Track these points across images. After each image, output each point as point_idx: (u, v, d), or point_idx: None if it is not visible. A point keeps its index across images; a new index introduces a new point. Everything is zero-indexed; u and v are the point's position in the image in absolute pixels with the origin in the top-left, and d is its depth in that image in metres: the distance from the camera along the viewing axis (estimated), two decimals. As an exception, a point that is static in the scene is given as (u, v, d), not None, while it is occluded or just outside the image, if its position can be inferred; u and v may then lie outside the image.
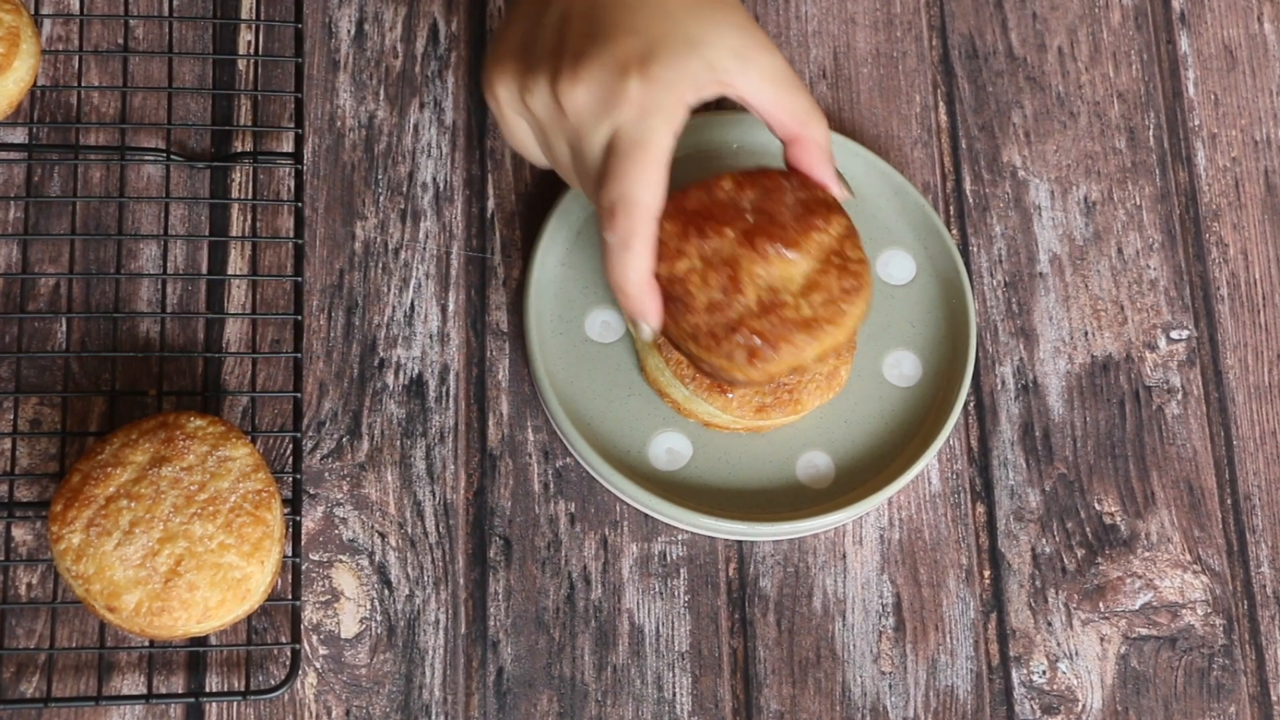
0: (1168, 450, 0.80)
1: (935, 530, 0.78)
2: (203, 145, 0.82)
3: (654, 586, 0.76)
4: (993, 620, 0.77)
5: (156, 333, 0.78)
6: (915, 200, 0.81)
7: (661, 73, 0.67)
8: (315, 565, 0.75)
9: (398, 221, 0.81)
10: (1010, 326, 0.82)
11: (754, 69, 0.69)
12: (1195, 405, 0.81)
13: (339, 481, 0.77)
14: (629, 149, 0.67)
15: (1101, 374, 0.81)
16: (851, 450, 0.78)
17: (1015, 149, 0.85)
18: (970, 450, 0.80)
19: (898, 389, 0.79)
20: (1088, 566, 0.78)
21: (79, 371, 0.77)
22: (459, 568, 0.76)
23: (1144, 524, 0.79)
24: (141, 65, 0.82)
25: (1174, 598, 0.78)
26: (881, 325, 0.80)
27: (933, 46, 0.87)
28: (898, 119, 0.85)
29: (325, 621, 0.75)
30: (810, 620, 0.76)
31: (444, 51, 0.84)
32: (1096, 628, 0.77)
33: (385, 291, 0.80)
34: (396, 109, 0.83)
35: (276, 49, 0.83)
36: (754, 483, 0.77)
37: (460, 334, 0.80)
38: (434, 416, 0.78)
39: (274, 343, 0.78)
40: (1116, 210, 0.84)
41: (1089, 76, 0.87)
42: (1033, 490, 0.79)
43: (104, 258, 0.79)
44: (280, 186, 0.81)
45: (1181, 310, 0.83)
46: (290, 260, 0.80)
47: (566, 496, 0.77)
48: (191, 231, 0.80)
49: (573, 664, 0.75)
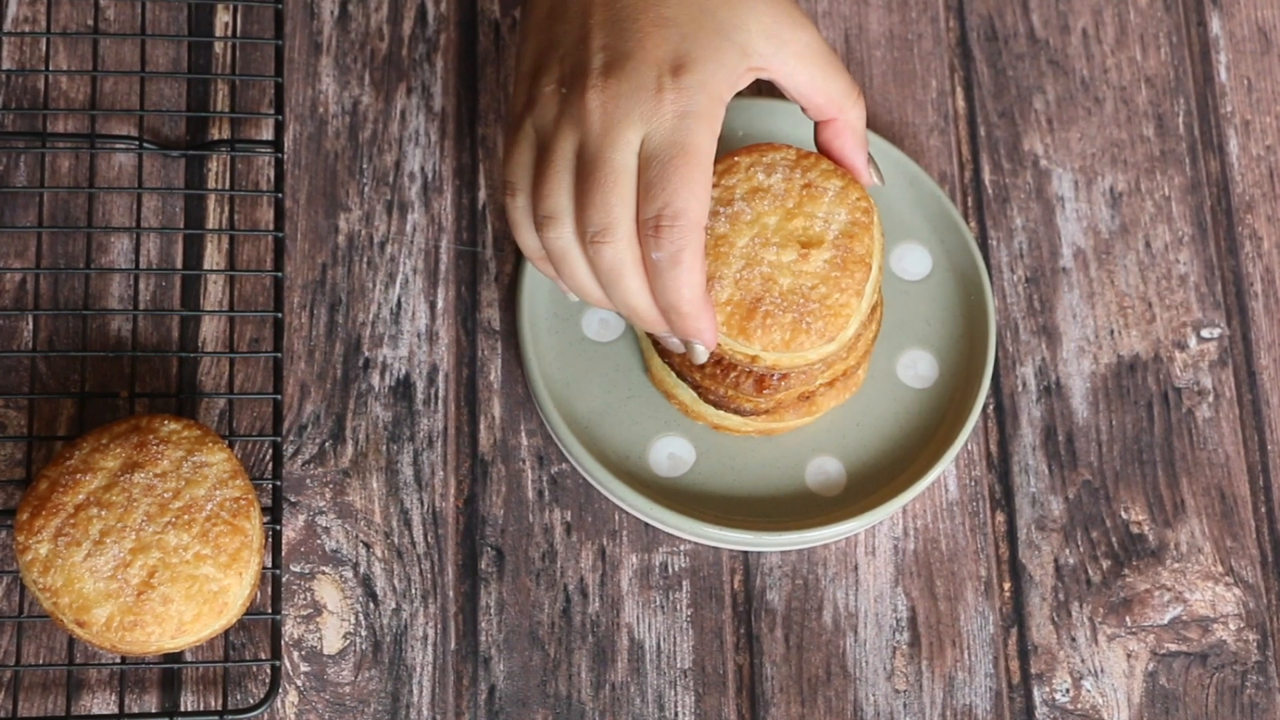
0: (1198, 455, 0.80)
1: (952, 540, 0.78)
2: (177, 133, 0.82)
3: (655, 600, 0.76)
4: (1013, 635, 0.77)
5: (128, 331, 0.78)
6: (931, 191, 0.81)
7: (696, 72, 0.66)
8: (296, 577, 0.75)
9: (384, 213, 0.81)
10: (1031, 325, 0.82)
11: (789, 50, 0.68)
12: (1227, 408, 0.81)
13: (321, 489, 0.77)
14: (670, 155, 0.66)
15: (1128, 375, 0.81)
16: (864, 455, 0.78)
17: (1037, 137, 0.85)
18: (989, 455, 0.79)
19: (913, 390, 0.79)
20: (1114, 578, 0.78)
21: (46, 372, 0.77)
22: (448, 580, 0.76)
23: (1173, 533, 0.79)
24: (112, 48, 0.83)
25: (1205, 611, 0.78)
26: (896, 324, 0.80)
27: (950, 28, 0.87)
28: (913, 105, 0.85)
29: (307, 637, 0.75)
30: (820, 635, 0.76)
31: (432, 34, 0.84)
32: (1123, 643, 0.77)
33: (370, 287, 0.80)
34: (382, 94, 0.83)
35: (255, 31, 0.83)
36: (761, 490, 0.77)
37: (450, 332, 0.80)
38: (422, 420, 0.78)
39: (253, 342, 0.78)
40: (1144, 201, 0.84)
41: (1115, 60, 0.87)
42: (1055, 498, 0.79)
43: (73, 252, 0.79)
44: (259, 176, 0.81)
45: (1213, 307, 0.83)
46: (270, 254, 0.80)
47: (562, 504, 0.77)
48: (165, 224, 0.80)
49: (569, 682, 0.75)
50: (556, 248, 0.68)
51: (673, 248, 0.66)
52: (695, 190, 0.66)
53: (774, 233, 0.70)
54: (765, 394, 0.74)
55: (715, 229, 0.70)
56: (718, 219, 0.70)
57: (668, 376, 0.77)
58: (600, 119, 0.66)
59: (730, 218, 0.70)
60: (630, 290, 0.68)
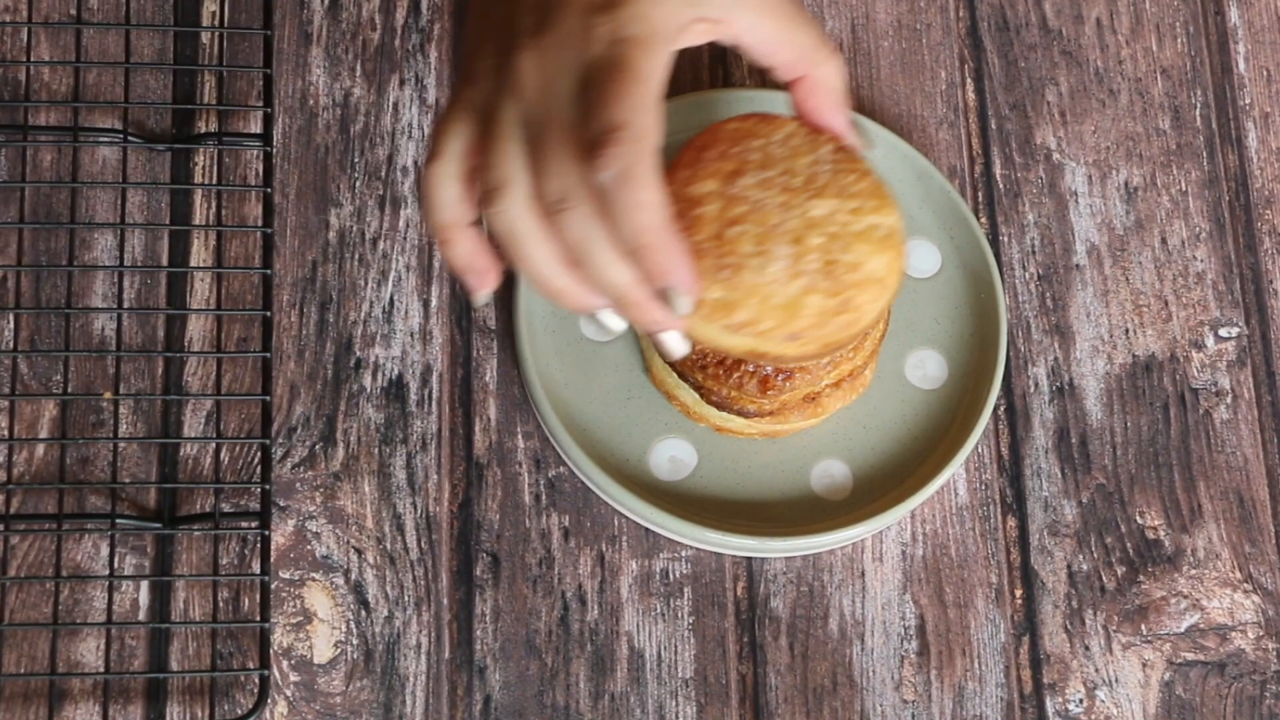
0: (1216, 458, 0.80)
1: (962, 546, 0.78)
2: (163, 125, 0.81)
3: (655, 607, 0.76)
4: (1025, 644, 0.77)
5: (112, 330, 0.78)
6: (940, 186, 0.81)
7: (629, 6, 0.61)
8: (286, 584, 0.75)
9: (376, 209, 0.81)
10: (1044, 324, 0.82)
11: (747, 3, 0.63)
12: (1246, 409, 0.81)
13: (312, 493, 0.77)
14: (604, 75, 0.60)
15: (1143, 375, 0.81)
16: (871, 458, 0.78)
17: (1050, 130, 0.85)
18: (1000, 459, 0.79)
19: (921, 391, 0.79)
20: (1129, 585, 0.78)
21: (28, 372, 0.77)
22: (442, 587, 0.76)
23: (1190, 539, 0.79)
24: (96, 38, 0.82)
25: (1223, 619, 0.78)
26: (904, 322, 0.80)
27: (960, 17, 0.87)
28: (921, 97, 0.85)
29: (297, 645, 0.75)
30: (826, 644, 0.76)
31: (426, 23, 0.84)
32: (1138, 652, 0.77)
33: (362, 285, 0.80)
34: (374, 86, 0.83)
35: (243, 20, 0.83)
36: (764, 494, 0.77)
37: (444, 331, 0.79)
38: (415, 422, 0.78)
39: (241, 341, 0.78)
40: (1160, 196, 0.84)
41: (1130, 51, 0.87)
42: (1068, 502, 0.79)
43: (55, 248, 0.79)
44: (247, 171, 0.81)
45: (1231, 306, 0.83)
46: (258, 251, 0.80)
47: (560, 509, 0.77)
48: (151, 220, 0.80)
49: (566, 692, 0.75)
50: (505, 223, 0.61)
51: (620, 163, 0.58)
52: (637, 103, 0.59)
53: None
54: (770, 395, 0.73)
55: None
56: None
57: (669, 377, 0.77)
58: (537, 77, 0.61)
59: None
60: (607, 261, 0.61)
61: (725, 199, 0.67)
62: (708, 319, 0.66)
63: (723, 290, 0.66)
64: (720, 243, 0.66)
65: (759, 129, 0.68)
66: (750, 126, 0.69)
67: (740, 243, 0.66)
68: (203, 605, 0.74)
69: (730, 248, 0.66)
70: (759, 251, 0.66)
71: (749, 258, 0.66)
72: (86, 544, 0.75)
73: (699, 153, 0.68)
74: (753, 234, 0.66)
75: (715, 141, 0.68)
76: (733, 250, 0.66)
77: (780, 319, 0.66)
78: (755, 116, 0.69)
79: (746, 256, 0.66)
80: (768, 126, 0.69)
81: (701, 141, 0.69)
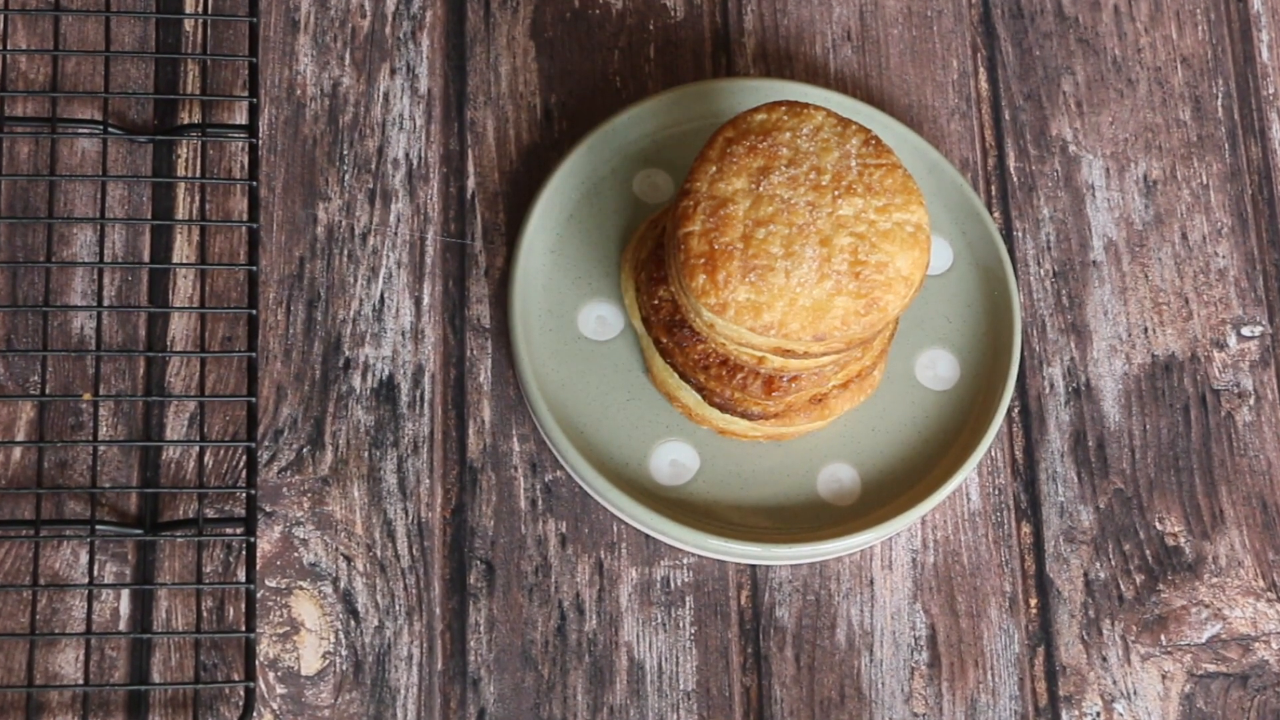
0: (1238, 462, 0.80)
1: (974, 553, 0.78)
2: (144, 117, 0.82)
3: (656, 617, 0.76)
4: (1040, 655, 0.77)
5: (92, 329, 0.78)
6: (952, 179, 0.81)
7: None
8: (272, 593, 0.75)
9: (365, 203, 0.81)
10: (1060, 322, 0.82)
11: None
12: (1269, 411, 0.81)
13: (299, 498, 0.77)
14: None
15: (1163, 376, 0.81)
16: (879, 462, 0.78)
17: (1065, 121, 0.85)
18: (1014, 462, 0.79)
19: (932, 393, 0.79)
20: (1148, 594, 0.78)
21: (4, 372, 0.77)
22: (435, 596, 0.76)
23: (1211, 546, 0.79)
24: (75, 26, 0.83)
25: (1245, 629, 0.78)
26: (914, 321, 0.80)
27: (972, 4, 0.87)
28: (932, 87, 0.85)
29: (283, 656, 0.74)
30: (833, 655, 0.76)
31: (417, 10, 0.84)
32: (1158, 663, 0.77)
33: (351, 282, 0.80)
34: (364, 75, 0.83)
35: (228, 7, 0.83)
36: (769, 499, 0.77)
37: (436, 330, 0.79)
38: (407, 424, 0.78)
39: (225, 340, 0.78)
40: (1180, 190, 0.84)
41: (1149, 39, 0.87)
42: (1085, 508, 0.79)
43: (33, 243, 0.79)
44: (232, 163, 0.81)
45: (1254, 304, 0.83)
46: (244, 247, 0.80)
47: (557, 515, 0.77)
48: (132, 214, 0.80)
49: (564, 704, 0.75)
50: None
51: None
52: None
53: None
54: (775, 396, 0.73)
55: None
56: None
57: (670, 378, 0.77)
58: None
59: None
60: None
61: (754, 198, 0.70)
62: (735, 321, 0.69)
63: (750, 292, 0.69)
64: (748, 244, 0.69)
65: (787, 120, 0.71)
66: (778, 118, 0.71)
67: (768, 244, 0.69)
68: (186, 615, 0.74)
69: (759, 249, 0.69)
70: (787, 253, 0.69)
71: (777, 259, 0.69)
72: (65, 551, 0.75)
73: (727, 145, 0.71)
74: (781, 235, 0.69)
75: (744, 135, 0.71)
76: (761, 252, 0.69)
77: (807, 321, 0.69)
78: (784, 105, 0.72)
79: (775, 258, 0.69)
80: (795, 118, 0.71)
81: (729, 133, 0.71)
